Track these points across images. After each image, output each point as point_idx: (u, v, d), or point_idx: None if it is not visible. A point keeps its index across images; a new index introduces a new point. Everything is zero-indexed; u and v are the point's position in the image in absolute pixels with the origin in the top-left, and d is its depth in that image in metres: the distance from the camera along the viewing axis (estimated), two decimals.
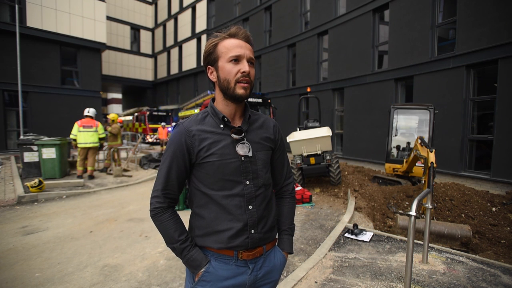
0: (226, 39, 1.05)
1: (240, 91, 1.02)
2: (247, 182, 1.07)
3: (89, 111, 7.43)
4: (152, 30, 27.79)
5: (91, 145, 7.13)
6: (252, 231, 1.07)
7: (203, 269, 1.05)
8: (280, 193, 1.29)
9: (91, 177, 7.39)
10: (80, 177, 7.19)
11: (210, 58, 1.08)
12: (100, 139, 7.41)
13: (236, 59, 1.02)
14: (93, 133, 7.17)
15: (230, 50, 1.02)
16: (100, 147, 7.67)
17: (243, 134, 1.07)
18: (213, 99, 1.15)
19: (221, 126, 1.07)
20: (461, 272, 2.81)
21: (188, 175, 1.11)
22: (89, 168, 7.36)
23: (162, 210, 1.06)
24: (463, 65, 7.34)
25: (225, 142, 1.06)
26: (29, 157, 7.08)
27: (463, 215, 4.47)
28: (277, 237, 1.25)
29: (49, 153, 6.96)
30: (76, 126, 7.10)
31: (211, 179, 1.05)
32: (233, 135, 1.05)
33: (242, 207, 1.06)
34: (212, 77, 1.09)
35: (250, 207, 1.07)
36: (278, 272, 1.19)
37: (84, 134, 7.07)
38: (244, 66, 1.02)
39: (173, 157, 1.05)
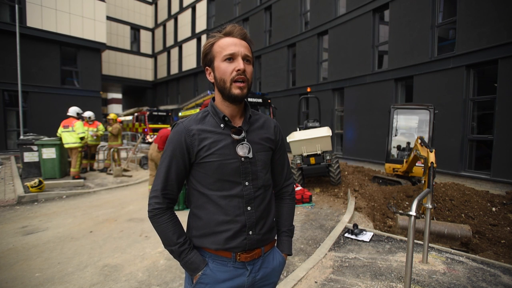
0: (221, 39, 1.04)
1: (236, 91, 1.01)
2: (246, 183, 1.06)
3: (69, 111, 7.32)
4: (152, 30, 27.78)
5: (71, 145, 6.95)
6: (250, 232, 1.06)
7: (201, 272, 1.04)
8: (279, 194, 1.28)
9: (75, 178, 6.99)
10: (73, 177, 7.03)
11: (207, 59, 1.07)
12: (81, 138, 7.07)
13: (231, 58, 1.01)
14: (70, 133, 6.97)
15: (224, 49, 1.01)
16: (83, 147, 7.47)
17: (243, 135, 1.06)
18: (214, 98, 1.14)
19: (222, 125, 1.06)
20: (461, 272, 2.81)
21: (187, 174, 1.10)
22: (71, 170, 7.06)
23: (161, 211, 1.04)
24: (463, 65, 7.34)
25: (225, 142, 1.04)
26: (29, 157, 7.08)
27: (463, 215, 4.47)
28: (276, 238, 1.24)
29: (49, 153, 6.96)
30: (60, 127, 7.06)
31: (210, 179, 1.04)
32: (234, 135, 1.04)
33: (240, 208, 1.05)
34: (210, 78, 1.08)
35: (249, 208, 1.06)
36: (277, 273, 1.18)
37: (64, 135, 6.97)
38: (239, 64, 1.00)
39: (172, 157, 1.04)
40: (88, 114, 8.40)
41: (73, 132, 7.01)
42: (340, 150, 11.84)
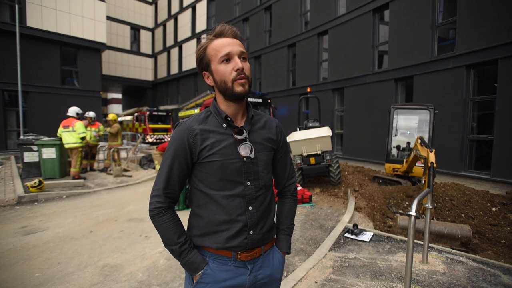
0: (213, 41, 1.04)
1: (238, 88, 1.01)
2: (248, 183, 1.06)
3: (69, 111, 7.33)
4: (152, 30, 27.78)
5: (71, 145, 6.96)
6: (251, 231, 1.07)
7: (201, 271, 1.04)
8: (281, 192, 1.29)
9: (75, 178, 7.02)
10: (73, 177, 7.06)
11: (203, 64, 1.07)
12: (82, 138, 7.09)
13: (227, 58, 1.01)
14: (71, 133, 6.98)
15: (219, 51, 1.01)
16: (84, 147, 7.49)
17: (245, 135, 1.06)
18: (215, 98, 1.14)
19: (224, 125, 1.06)
20: (461, 272, 2.81)
21: (189, 174, 1.10)
22: (71, 170, 7.09)
23: (163, 211, 1.04)
24: (463, 65, 7.34)
25: (228, 142, 1.05)
26: (29, 157, 7.07)
27: (463, 215, 4.47)
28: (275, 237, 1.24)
29: (49, 153, 6.96)
30: (60, 127, 7.07)
31: (212, 178, 1.04)
32: (236, 136, 1.04)
33: (242, 208, 1.05)
34: (209, 81, 1.08)
35: (250, 208, 1.06)
36: (278, 272, 1.18)
37: (64, 135, 6.98)
38: (237, 64, 1.00)
39: (174, 156, 1.04)
40: (91, 114, 8.40)
41: (74, 132, 7.01)
42: (340, 150, 11.84)
